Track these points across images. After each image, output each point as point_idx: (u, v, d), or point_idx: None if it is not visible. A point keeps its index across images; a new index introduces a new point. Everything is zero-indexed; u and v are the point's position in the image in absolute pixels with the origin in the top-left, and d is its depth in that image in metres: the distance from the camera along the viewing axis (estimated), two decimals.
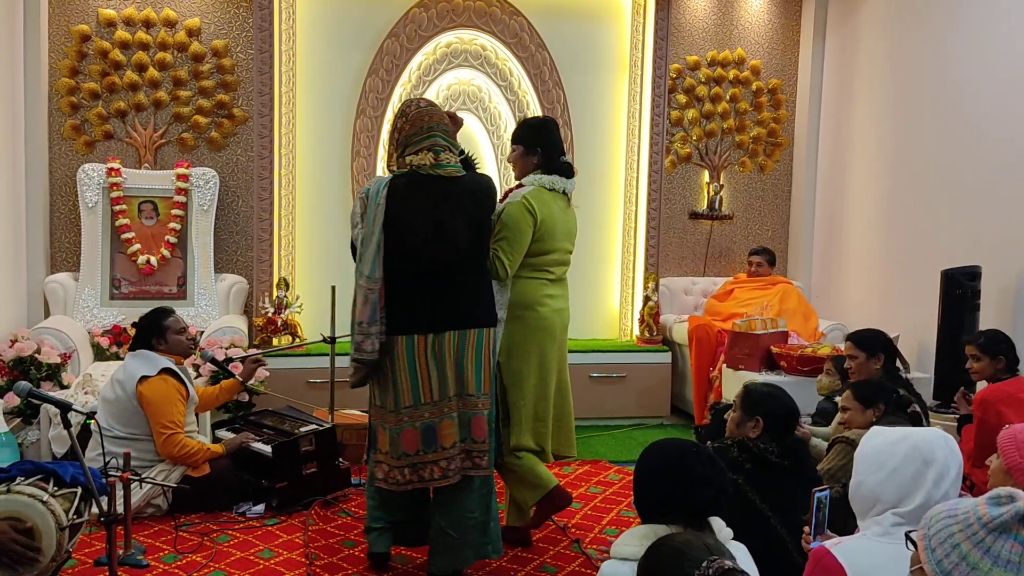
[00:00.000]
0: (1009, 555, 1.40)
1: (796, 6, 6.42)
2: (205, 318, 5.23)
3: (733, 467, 2.55)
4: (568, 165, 3.49)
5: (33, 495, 2.73)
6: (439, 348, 2.99)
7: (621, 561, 1.81)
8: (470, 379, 3.04)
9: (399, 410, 3.02)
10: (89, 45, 5.34)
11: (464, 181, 3.08)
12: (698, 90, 6.28)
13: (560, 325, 3.49)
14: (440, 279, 3.00)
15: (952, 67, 5.00)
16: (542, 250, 3.36)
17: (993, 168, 4.65)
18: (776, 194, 6.51)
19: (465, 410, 3.04)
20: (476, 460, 3.06)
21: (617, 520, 3.90)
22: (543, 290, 3.41)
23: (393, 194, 2.99)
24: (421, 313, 3.00)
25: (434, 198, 2.99)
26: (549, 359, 3.43)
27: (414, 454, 3.01)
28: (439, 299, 3.00)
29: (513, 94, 5.92)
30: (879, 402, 3.09)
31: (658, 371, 5.72)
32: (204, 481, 3.77)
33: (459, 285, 3.04)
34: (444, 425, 3.00)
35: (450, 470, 3.01)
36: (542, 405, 3.43)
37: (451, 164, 3.06)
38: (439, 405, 3.01)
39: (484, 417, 3.08)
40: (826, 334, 5.49)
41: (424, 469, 3.01)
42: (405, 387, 3.00)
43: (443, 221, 2.98)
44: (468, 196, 3.05)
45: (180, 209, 5.30)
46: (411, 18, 5.69)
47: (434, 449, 3.00)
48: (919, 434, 1.94)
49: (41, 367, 4.39)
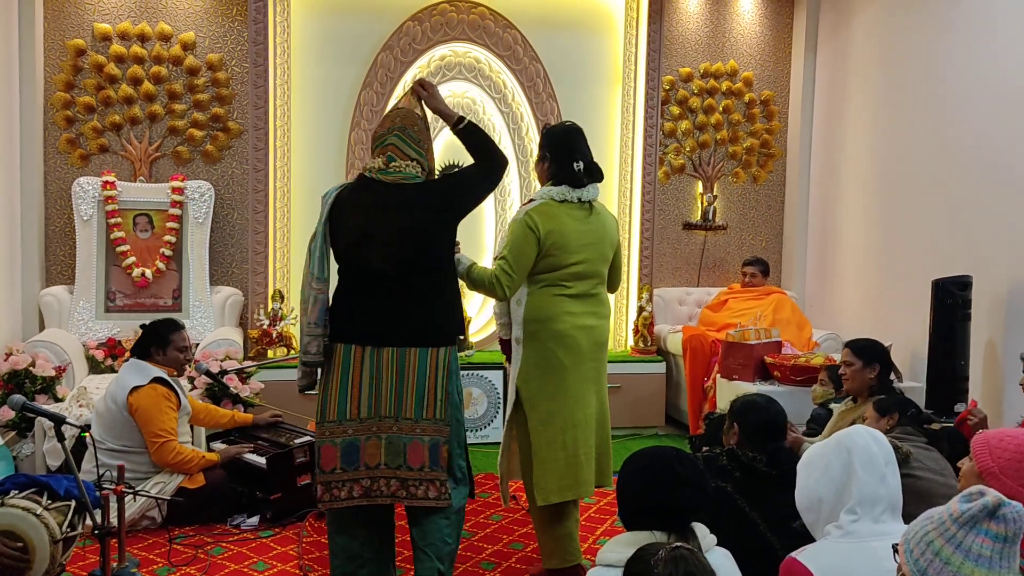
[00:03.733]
0: (980, 549, 1.42)
1: (788, 18, 6.47)
2: (200, 330, 5.23)
3: (722, 475, 2.57)
4: (577, 174, 3.16)
5: (27, 508, 2.74)
6: (376, 364, 2.79)
7: (606, 568, 1.84)
8: (409, 403, 2.79)
9: (323, 423, 2.83)
10: (84, 59, 5.36)
11: (408, 189, 2.82)
12: (691, 101, 6.32)
13: (589, 343, 3.18)
14: (385, 291, 2.79)
15: (943, 78, 5.04)
16: (555, 265, 3.12)
17: (984, 179, 4.68)
18: (769, 205, 6.54)
19: (400, 434, 2.80)
20: (413, 489, 2.81)
21: (611, 530, 3.91)
22: (561, 305, 3.14)
23: (337, 199, 2.87)
24: (361, 322, 2.81)
25: (366, 205, 2.82)
26: (575, 380, 3.15)
27: (329, 472, 2.81)
28: (381, 312, 2.80)
29: (507, 106, 5.95)
30: (894, 411, 3.14)
31: (652, 381, 5.73)
32: (199, 493, 3.78)
33: (405, 300, 2.80)
34: (370, 445, 2.80)
35: (372, 490, 2.79)
36: (571, 433, 3.12)
37: (401, 171, 2.83)
38: (366, 423, 2.80)
39: (424, 444, 2.80)
40: (820, 344, 5.50)
41: (339, 488, 2.80)
42: (333, 398, 2.81)
43: (372, 231, 2.78)
44: (407, 206, 2.79)
45: (175, 222, 5.32)
46: (405, 31, 5.72)
47: (355, 467, 2.79)
48: (843, 431, 2.07)
49: (36, 380, 4.40)
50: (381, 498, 2.81)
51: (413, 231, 2.79)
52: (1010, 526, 1.43)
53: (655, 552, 1.60)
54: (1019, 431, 2.09)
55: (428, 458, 2.80)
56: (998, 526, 1.43)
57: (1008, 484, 1.92)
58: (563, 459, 3.13)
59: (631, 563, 1.65)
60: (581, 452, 3.15)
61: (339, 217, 2.85)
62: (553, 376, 3.14)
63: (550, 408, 3.14)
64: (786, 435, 2.96)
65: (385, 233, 2.78)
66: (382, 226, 2.78)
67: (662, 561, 1.57)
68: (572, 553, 3.23)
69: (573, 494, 3.16)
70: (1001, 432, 2.08)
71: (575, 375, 3.16)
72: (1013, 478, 1.95)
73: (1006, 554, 1.42)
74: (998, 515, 1.43)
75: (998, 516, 1.43)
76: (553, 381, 3.15)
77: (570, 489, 3.14)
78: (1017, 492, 1.85)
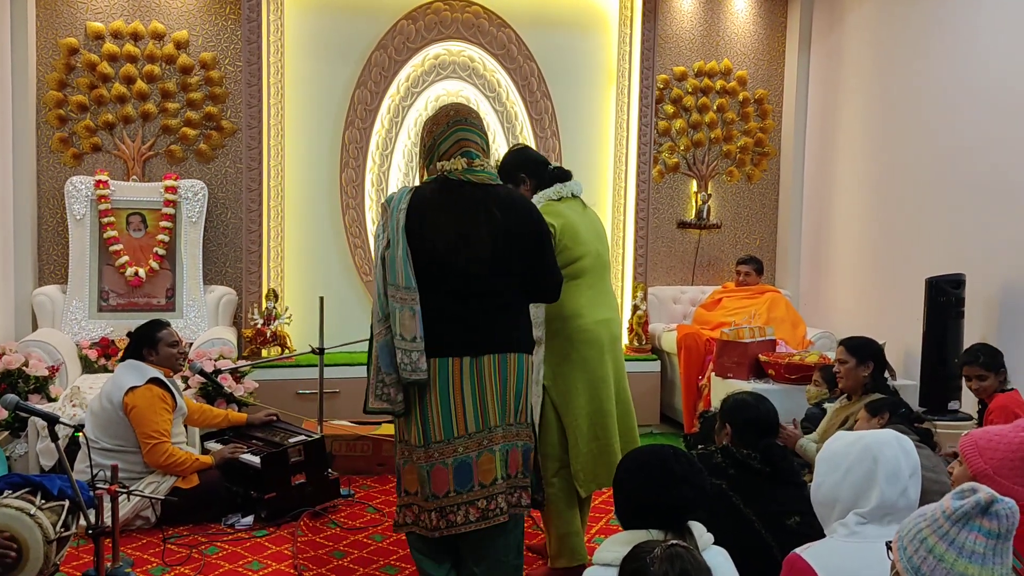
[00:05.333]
0: (973, 546, 1.42)
1: (781, 17, 6.48)
2: (194, 330, 5.22)
3: (716, 472, 2.57)
4: (560, 169, 3.29)
5: (20, 508, 2.74)
6: (478, 373, 2.65)
7: (603, 567, 1.83)
8: (511, 407, 2.69)
9: (428, 445, 2.64)
10: (77, 58, 5.34)
11: (497, 190, 2.73)
12: (685, 100, 6.33)
13: (608, 336, 3.25)
14: (474, 296, 2.65)
15: (936, 76, 5.05)
16: (570, 259, 3.14)
17: (977, 177, 4.69)
18: (763, 203, 6.56)
19: (507, 442, 2.70)
20: (517, 497, 2.73)
21: (607, 529, 3.91)
22: (580, 298, 3.16)
23: (418, 201, 2.66)
24: (457, 332, 2.64)
25: (462, 205, 2.65)
26: (601, 373, 3.20)
27: (443, 496, 2.63)
28: (476, 318, 2.66)
29: (501, 105, 5.95)
30: (884, 411, 3.15)
31: (647, 380, 5.73)
32: (193, 493, 3.77)
33: (495, 304, 2.69)
34: (484, 460, 2.64)
35: (490, 510, 2.63)
36: (601, 422, 3.20)
37: (485, 170, 2.72)
38: (475, 438, 2.64)
39: (519, 449, 2.73)
40: (814, 342, 5.51)
41: (455, 512, 2.62)
42: (436, 418, 2.63)
43: (468, 232, 2.63)
44: (499, 207, 2.68)
45: (168, 221, 5.30)
46: (399, 30, 5.71)
47: (469, 488, 2.62)
48: (872, 435, 1.98)
49: (29, 380, 4.38)
50: (500, 516, 2.65)
51: (503, 233, 2.67)
52: (1003, 523, 1.43)
53: (651, 550, 1.60)
54: (1003, 428, 2.06)
55: (522, 463, 2.75)
56: (991, 523, 1.43)
57: (1004, 484, 1.91)
58: (597, 448, 3.20)
59: (626, 560, 1.65)
60: (613, 441, 3.22)
61: (423, 221, 2.64)
62: (580, 372, 3.18)
63: (579, 403, 3.18)
64: (778, 432, 2.97)
65: (481, 236, 2.65)
66: (478, 229, 2.65)
67: (658, 559, 1.57)
68: (578, 552, 3.26)
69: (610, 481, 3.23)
70: (987, 432, 2.06)
71: (600, 369, 3.21)
72: (1008, 477, 1.94)
73: (999, 550, 1.43)
74: (991, 512, 1.43)
75: (991, 513, 1.43)
76: (581, 376, 3.18)
77: (608, 477, 3.16)
78: (1014, 491, 1.84)
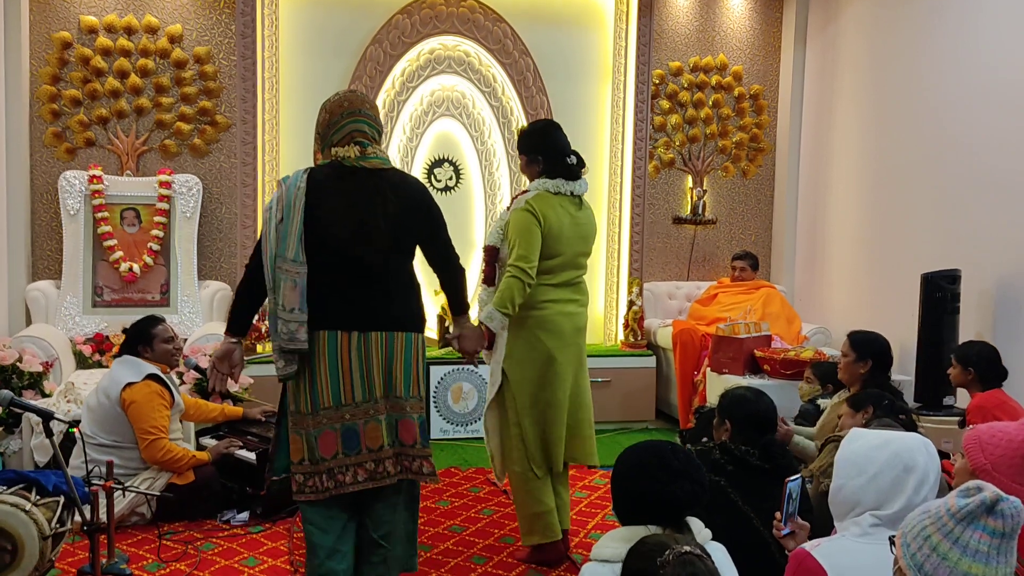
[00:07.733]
0: (978, 545, 1.42)
1: (777, 12, 6.48)
2: (189, 325, 5.21)
3: (715, 469, 2.57)
4: (572, 167, 3.36)
5: (15, 504, 2.73)
6: (365, 348, 2.77)
7: (601, 563, 1.82)
8: (399, 382, 2.82)
9: (317, 411, 2.77)
10: (71, 52, 5.31)
11: (390, 174, 2.83)
12: (681, 96, 6.32)
13: (571, 328, 3.38)
14: (366, 277, 2.78)
15: (932, 72, 5.05)
16: (545, 254, 3.27)
17: (973, 173, 4.70)
18: (759, 199, 6.56)
19: (393, 413, 2.82)
20: (408, 464, 2.84)
21: (602, 524, 3.91)
22: (546, 293, 3.32)
23: (314, 183, 2.75)
24: (347, 309, 2.77)
25: (356, 193, 2.77)
26: (558, 363, 3.33)
27: (331, 458, 2.77)
28: (366, 297, 2.78)
29: (497, 100, 5.94)
30: (867, 405, 3.13)
31: (643, 375, 5.74)
32: (188, 489, 3.76)
33: (386, 285, 2.81)
34: (370, 428, 2.79)
35: (378, 472, 2.79)
36: (549, 413, 3.34)
37: (377, 156, 2.81)
38: (362, 407, 2.79)
39: (414, 421, 2.84)
40: (809, 337, 5.52)
41: (343, 473, 2.77)
42: (325, 387, 2.76)
43: (364, 219, 2.75)
44: (392, 191, 2.80)
45: (163, 216, 5.28)
46: (394, 24, 5.70)
47: (357, 451, 2.77)
48: (900, 440, 1.96)
49: (23, 376, 4.36)
50: (388, 479, 2.80)
51: (400, 215, 2.80)
52: (1007, 522, 1.43)
53: (659, 550, 1.57)
54: (1008, 425, 2.08)
55: (419, 434, 2.85)
56: (996, 522, 1.42)
57: (1002, 481, 1.91)
58: (538, 435, 3.36)
59: (633, 557, 1.62)
60: (554, 431, 3.37)
61: (320, 203, 2.75)
62: (539, 360, 3.33)
63: (534, 391, 3.33)
64: (776, 427, 2.96)
65: (376, 219, 2.76)
66: (373, 212, 2.76)
67: (670, 564, 1.54)
68: (551, 528, 3.37)
69: (542, 471, 3.38)
70: (991, 427, 2.07)
71: (559, 358, 3.34)
72: (1006, 474, 1.94)
73: (1003, 549, 1.43)
74: (996, 511, 1.43)
75: (996, 512, 1.43)
76: (538, 365, 3.33)
77: (539, 465, 3.38)
78: (1011, 488, 1.85)
